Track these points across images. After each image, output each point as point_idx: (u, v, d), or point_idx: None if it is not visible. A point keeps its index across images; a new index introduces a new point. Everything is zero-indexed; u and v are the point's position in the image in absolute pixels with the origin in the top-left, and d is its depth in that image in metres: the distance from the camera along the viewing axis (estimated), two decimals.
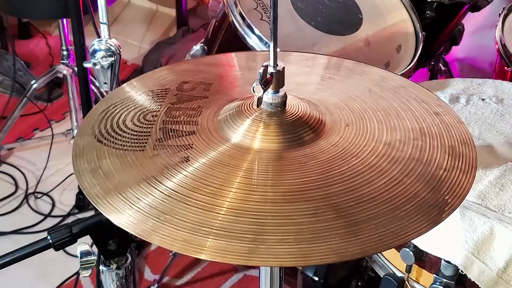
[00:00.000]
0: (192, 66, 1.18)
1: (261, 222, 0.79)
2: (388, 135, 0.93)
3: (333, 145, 0.90)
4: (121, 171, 0.87)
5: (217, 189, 0.83)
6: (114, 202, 0.82)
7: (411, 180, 0.85)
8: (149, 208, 0.81)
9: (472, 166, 0.89)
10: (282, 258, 0.76)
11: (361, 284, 1.65)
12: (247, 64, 1.17)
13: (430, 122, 0.97)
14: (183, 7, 3.30)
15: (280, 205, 0.82)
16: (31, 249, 0.97)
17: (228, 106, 0.97)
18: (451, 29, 2.04)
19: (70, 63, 2.41)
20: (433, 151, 0.91)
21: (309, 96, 1.00)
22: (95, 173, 0.87)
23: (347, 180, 0.85)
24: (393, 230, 0.79)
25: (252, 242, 0.77)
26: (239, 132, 0.91)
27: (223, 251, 0.76)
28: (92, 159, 0.90)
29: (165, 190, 0.83)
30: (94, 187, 0.85)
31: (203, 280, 2.10)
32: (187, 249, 0.76)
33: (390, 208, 0.81)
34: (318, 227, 0.78)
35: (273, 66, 0.90)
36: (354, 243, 0.77)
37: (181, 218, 0.80)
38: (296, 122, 0.92)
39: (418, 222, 0.80)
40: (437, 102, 1.02)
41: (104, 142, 0.93)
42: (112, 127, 0.96)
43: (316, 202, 0.81)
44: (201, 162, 0.87)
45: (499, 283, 1.16)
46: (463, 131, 0.96)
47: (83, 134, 0.96)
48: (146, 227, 0.79)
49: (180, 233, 0.78)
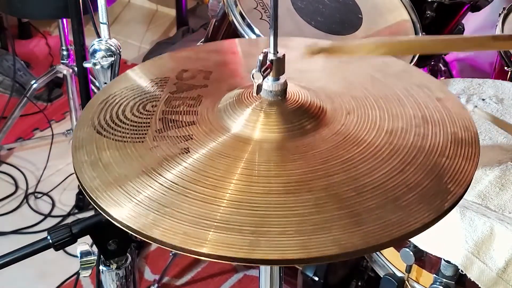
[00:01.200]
0: (192, 53, 1.16)
1: (263, 214, 0.78)
2: (390, 122, 0.92)
3: (335, 133, 0.89)
4: (121, 163, 0.86)
5: (218, 180, 0.82)
6: (114, 195, 0.81)
7: (413, 169, 0.84)
8: (149, 201, 0.80)
9: (475, 153, 0.88)
10: (284, 251, 0.75)
11: (361, 284, 1.65)
12: (249, 50, 1.14)
13: (432, 108, 0.96)
14: (183, 7, 3.30)
15: (282, 196, 0.81)
16: (31, 249, 0.97)
17: (228, 95, 0.95)
18: (451, 29, 2.04)
19: (70, 63, 2.41)
20: (435, 138, 0.90)
21: (311, 83, 0.98)
22: (94, 166, 0.86)
23: (348, 169, 0.84)
24: (395, 220, 0.78)
25: (253, 234, 0.76)
26: (239, 122, 0.90)
27: (224, 244, 0.75)
28: (92, 152, 0.89)
29: (165, 182, 0.82)
30: (94, 179, 0.84)
31: (203, 280, 2.10)
32: (188, 242, 0.75)
33: (392, 198, 0.80)
34: (319, 218, 0.77)
35: (273, 53, 0.89)
36: (356, 234, 0.76)
37: (181, 211, 0.79)
38: (297, 111, 0.91)
39: (420, 211, 0.79)
40: (439, 87, 1.01)
41: (104, 133, 0.91)
42: (111, 118, 0.95)
43: (318, 193, 0.80)
44: (201, 153, 0.86)
45: (499, 283, 1.16)
46: (466, 117, 0.94)
47: (82, 125, 0.94)
48: (147, 220, 0.78)
49: (181, 226, 0.77)
